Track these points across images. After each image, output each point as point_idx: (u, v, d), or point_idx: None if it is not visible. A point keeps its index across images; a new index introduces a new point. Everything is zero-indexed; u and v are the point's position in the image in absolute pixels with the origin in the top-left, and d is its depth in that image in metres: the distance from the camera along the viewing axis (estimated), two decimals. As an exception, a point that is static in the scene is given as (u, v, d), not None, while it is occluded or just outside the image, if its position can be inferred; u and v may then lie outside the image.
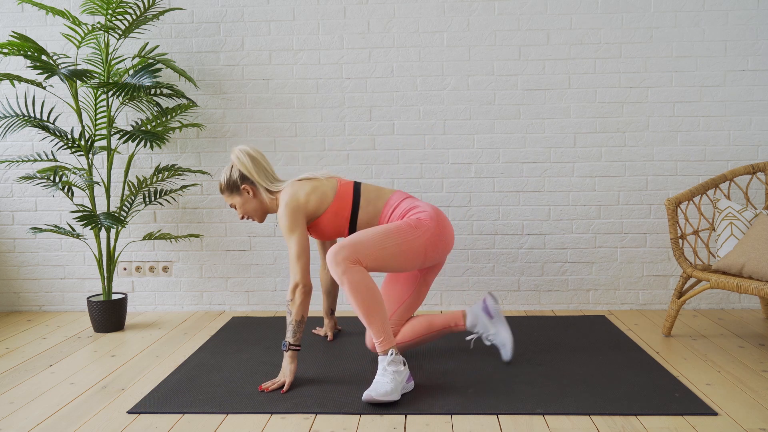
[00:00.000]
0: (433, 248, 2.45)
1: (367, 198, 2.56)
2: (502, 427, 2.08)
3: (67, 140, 3.16)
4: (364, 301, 2.28)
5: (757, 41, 3.35)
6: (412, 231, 2.41)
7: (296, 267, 2.42)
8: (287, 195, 2.50)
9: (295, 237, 2.44)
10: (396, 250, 2.37)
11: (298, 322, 2.41)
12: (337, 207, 2.53)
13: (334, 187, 2.56)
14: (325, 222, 2.54)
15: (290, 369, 2.41)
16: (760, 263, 2.65)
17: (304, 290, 2.41)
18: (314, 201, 2.50)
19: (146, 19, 3.20)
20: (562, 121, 3.44)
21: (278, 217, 2.49)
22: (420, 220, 2.45)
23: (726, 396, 2.29)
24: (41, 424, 2.16)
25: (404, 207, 2.54)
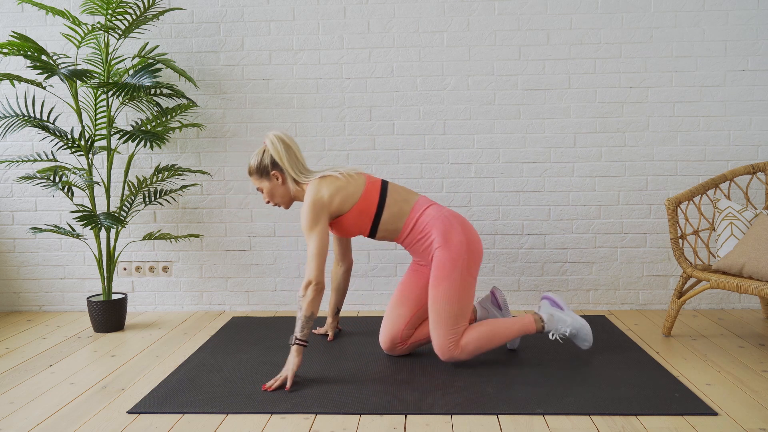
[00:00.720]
0: (475, 267, 2.55)
1: (393, 198, 2.58)
2: (502, 427, 2.08)
3: (67, 140, 3.16)
4: (491, 344, 2.54)
5: (757, 41, 3.35)
6: (458, 272, 2.50)
7: (312, 264, 2.42)
8: (312, 191, 2.50)
9: (315, 235, 2.45)
10: (465, 299, 2.50)
11: (307, 318, 2.42)
12: (362, 206, 2.54)
13: (362, 185, 2.57)
14: (348, 220, 2.55)
15: (294, 363, 2.41)
16: (760, 263, 2.65)
17: (317, 288, 2.42)
18: (339, 200, 2.51)
19: (146, 19, 3.20)
20: (562, 121, 3.44)
21: (301, 212, 2.50)
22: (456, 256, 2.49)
23: (726, 396, 2.29)
24: (41, 424, 2.16)
25: (428, 221, 2.54)
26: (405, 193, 2.63)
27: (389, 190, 2.59)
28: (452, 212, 2.60)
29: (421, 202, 2.60)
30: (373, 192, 2.56)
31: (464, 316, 2.51)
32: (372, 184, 2.58)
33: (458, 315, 2.50)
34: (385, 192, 2.58)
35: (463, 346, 2.51)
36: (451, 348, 2.51)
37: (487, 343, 2.53)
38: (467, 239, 2.53)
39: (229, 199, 3.55)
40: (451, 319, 2.49)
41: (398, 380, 2.47)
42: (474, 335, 2.52)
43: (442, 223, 2.54)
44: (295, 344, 2.42)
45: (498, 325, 2.56)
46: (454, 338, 2.50)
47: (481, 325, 2.56)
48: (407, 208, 2.58)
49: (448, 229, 2.53)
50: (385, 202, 2.56)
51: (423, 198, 2.64)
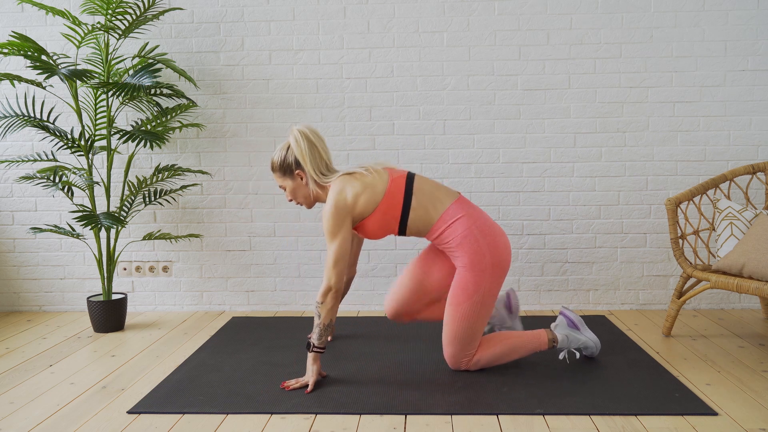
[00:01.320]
0: (498, 285, 2.45)
1: (419, 200, 2.41)
2: (502, 427, 2.08)
3: (67, 140, 3.16)
4: (502, 361, 2.52)
5: (757, 41, 3.35)
6: (480, 294, 2.41)
7: (333, 271, 2.35)
8: (334, 193, 2.37)
9: (338, 241, 2.35)
10: (483, 318, 2.45)
11: (326, 326, 2.38)
12: (386, 206, 2.40)
13: (385, 183, 2.40)
14: (372, 222, 2.42)
15: (314, 369, 2.40)
16: (760, 263, 2.65)
17: (336, 295, 2.37)
18: (362, 202, 2.37)
19: (146, 19, 3.20)
20: (562, 121, 3.44)
21: (323, 216, 2.38)
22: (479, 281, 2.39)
23: (726, 396, 2.29)
24: (41, 424, 2.16)
25: (454, 237, 2.38)
26: (432, 194, 2.43)
27: (415, 190, 2.41)
28: (483, 227, 2.40)
29: (451, 212, 2.40)
30: (397, 191, 2.40)
31: (480, 332, 2.46)
32: (396, 182, 2.41)
33: (475, 333, 2.44)
34: (410, 192, 2.40)
35: (476, 361, 2.50)
36: (464, 362, 2.50)
37: (498, 360, 2.52)
38: (494, 261, 2.39)
39: (229, 199, 3.55)
40: (467, 338, 2.45)
41: (398, 380, 2.47)
42: (488, 354, 2.49)
43: (470, 244, 2.37)
44: (314, 352, 2.42)
45: (513, 345, 2.50)
46: (468, 355, 2.49)
47: (497, 344, 2.50)
48: (435, 215, 2.41)
49: (475, 251, 2.37)
50: (410, 205, 2.39)
51: (455, 205, 2.42)
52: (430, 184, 2.47)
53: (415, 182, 2.45)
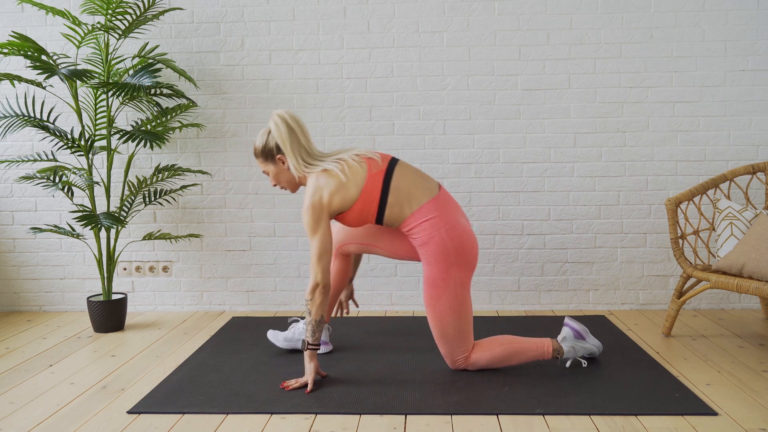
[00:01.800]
0: (469, 279, 2.47)
1: (395, 197, 2.41)
2: (502, 427, 2.08)
3: (67, 140, 3.16)
4: (502, 365, 2.53)
5: (757, 41, 3.35)
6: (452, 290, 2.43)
7: (317, 267, 2.37)
8: (310, 192, 2.39)
9: (318, 237, 2.38)
10: (465, 314, 2.46)
11: (317, 322, 2.39)
12: (362, 206, 2.42)
13: (362, 180, 2.40)
14: (350, 217, 2.46)
15: (311, 367, 2.40)
16: (760, 263, 2.65)
17: (324, 290, 2.38)
18: (338, 201, 2.39)
19: (146, 19, 3.20)
20: (562, 121, 3.44)
21: (302, 213, 2.41)
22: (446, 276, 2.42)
23: (726, 396, 2.29)
24: (41, 424, 2.16)
25: (423, 235, 2.40)
26: (409, 190, 2.43)
27: (392, 188, 2.41)
28: (452, 230, 2.40)
29: (424, 211, 2.41)
30: (374, 191, 2.40)
31: (469, 330, 2.47)
32: (374, 178, 2.41)
33: (463, 330, 2.46)
34: (387, 190, 2.41)
35: (474, 361, 2.51)
36: (460, 361, 2.51)
37: (497, 363, 2.52)
38: (459, 258, 2.41)
39: (229, 199, 3.55)
40: (456, 336, 2.46)
41: (398, 380, 2.47)
42: (487, 355, 2.50)
43: (436, 244, 2.39)
44: (308, 349, 2.42)
45: (514, 349, 2.50)
46: (463, 353, 2.49)
47: (498, 346, 2.50)
48: (408, 211, 2.42)
49: (441, 250, 2.39)
50: (387, 202, 2.43)
51: (429, 204, 2.42)
52: (409, 180, 2.45)
53: (393, 179, 2.43)
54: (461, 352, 2.49)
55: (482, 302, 3.53)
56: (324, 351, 2.79)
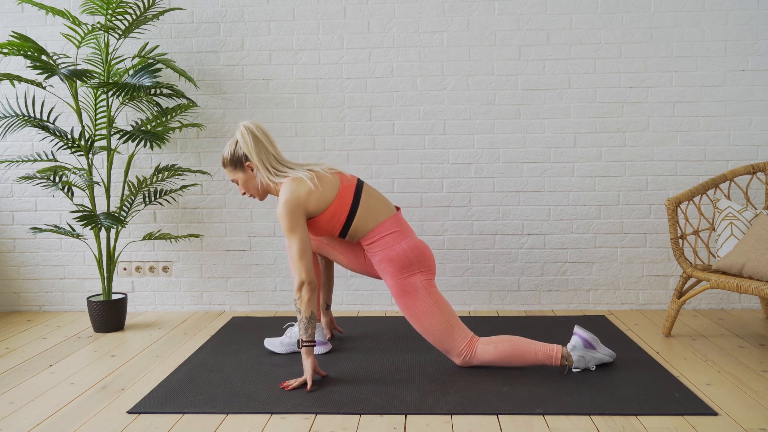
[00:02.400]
0: (432, 280, 2.55)
1: (364, 208, 2.53)
2: (502, 427, 2.08)
3: (67, 140, 3.16)
4: (507, 363, 2.52)
5: (757, 41, 3.35)
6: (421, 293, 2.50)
7: (300, 265, 2.41)
8: (288, 191, 2.45)
9: (297, 236, 2.43)
10: (444, 309, 2.51)
11: (308, 319, 2.42)
12: (335, 210, 2.50)
13: (336, 187, 2.52)
14: (320, 222, 2.52)
15: (308, 365, 2.41)
16: (760, 263, 2.65)
17: (311, 287, 2.42)
18: (314, 201, 2.46)
19: (146, 19, 3.20)
20: (562, 121, 3.44)
21: (278, 215, 2.46)
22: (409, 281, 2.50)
23: (726, 396, 2.29)
24: (41, 424, 2.16)
25: (383, 248, 2.52)
26: (375, 206, 2.56)
27: (362, 200, 2.53)
28: (411, 242, 2.53)
29: (387, 225, 2.53)
30: (347, 198, 2.51)
31: (456, 322, 2.50)
32: (346, 188, 2.52)
33: (450, 323, 2.48)
34: (358, 198, 2.53)
35: (479, 354, 2.51)
36: (465, 353, 2.51)
37: (503, 360, 2.51)
38: (415, 258, 2.50)
39: (229, 199, 3.55)
40: (447, 331, 2.49)
41: (398, 380, 2.47)
42: (492, 349, 2.50)
43: (394, 252, 2.50)
44: (304, 347, 2.43)
45: (521, 349, 2.49)
46: (463, 342, 2.50)
47: (506, 342, 2.50)
48: (373, 225, 2.53)
49: (401, 257, 2.49)
50: (356, 212, 2.51)
51: (390, 220, 2.55)
52: (375, 198, 2.59)
53: (363, 193, 2.57)
54: (460, 343, 2.50)
55: (482, 302, 3.53)
56: (323, 351, 2.79)
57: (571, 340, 2.55)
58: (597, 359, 2.55)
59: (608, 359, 2.58)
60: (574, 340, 2.54)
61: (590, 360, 2.53)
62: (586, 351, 2.52)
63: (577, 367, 2.51)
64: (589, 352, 2.53)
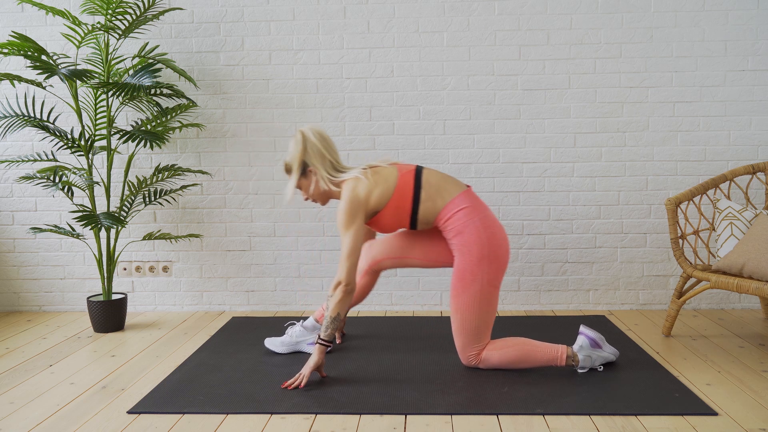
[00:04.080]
0: (498, 278, 2.48)
1: (428, 193, 2.48)
2: (502, 427, 2.08)
3: (67, 140, 3.16)
4: (514, 366, 2.51)
5: (757, 41, 3.35)
6: (479, 284, 2.44)
7: (344, 265, 2.40)
8: (348, 190, 2.45)
9: (350, 234, 2.41)
10: (487, 311, 2.47)
11: (332, 319, 2.41)
12: (398, 201, 2.47)
13: (395, 178, 2.49)
14: (386, 217, 2.50)
15: (313, 361, 2.41)
16: (760, 263, 2.65)
17: (347, 289, 2.40)
18: (375, 197, 2.45)
19: (146, 19, 3.20)
20: (562, 121, 3.44)
21: (337, 211, 2.45)
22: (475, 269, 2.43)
23: (726, 396, 2.29)
24: (41, 424, 2.16)
25: (455, 226, 2.44)
26: (440, 185, 2.50)
27: (423, 183, 2.49)
28: (485, 220, 2.47)
29: (457, 202, 2.47)
30: (407, 186, 2.48)
31: (487, 328, 2.49)
32: (404, 177, 2.49)
33: (480, 327, 2.47)
34: (419, 184, 2.49)
35: (485, 359, 2.51)
36: (471, 358, 2.52)
37: (509, 364, 2.52)
38: (489, 251, 2.44)
39: (229, 199, 3.55)
40: (473, 331, 2.47)
41: (398, 380, 2.47)
42: (499, 354, 2.50)
43: (470, 233, 2.44)
44: (317, 344, 2.42)
45: (528, 352, 2.50)
46: (476, 350, 2.50)
47: (512, 346, 2.50)
48: (441, 203, 2.48)
49: (474, 241, 2.43)
50: (420, 197, 2.48)
51: (461, 196, 2.49)
52: (438, 176, 2.53)
53: (424, 175, 2.52)
54: (474, 348, 2.50)
55: (482, 302, 3.53)
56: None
57: (578, 340, 2.55)
58: (603, 358, 2.55)
59: (612, 358, 2.58)
60: (580, 339, 2.54)
61: (597, 359, 2.53)
62: (592, 350, 2.53)
63: (584, 366, 2.51)
64: (596, 351, 2.53)
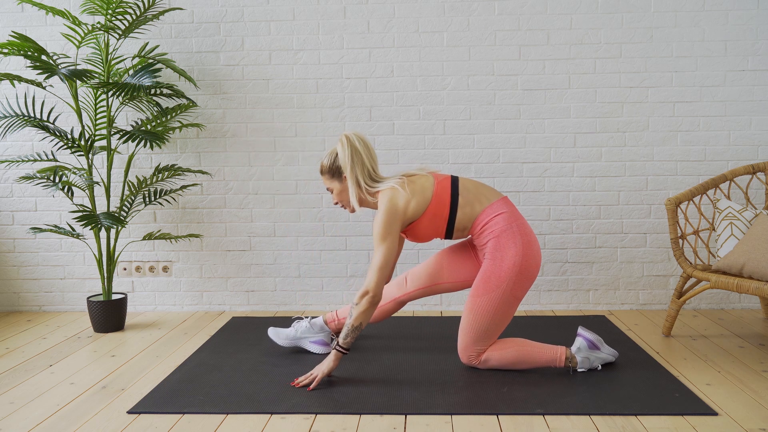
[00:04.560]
0: (523, 289, 2.47)
1: (465, 198, 2.48)
2: (502, 427, 2.08)
3: (67, 140, 3.16)
4: (513, 367, 2.52)
5: (757, 41, 3.35)
6: (501, 291, 2.42)
7: (375, 276, 2.37)
8: (386, 199, 2.43)
9: (385, 246, 2.39)
10: (502, 317, 2.45)
11: (355, 328, 2.39)
12: (435, 209, 2.46)
13: (432, 186, 2.48)
14: (422, 226, 2.48)
15: (327, 366, 2.41)
16: (760, 263, 2.65)
17: (373, 300, 2.38)
18: (413, 206, 2.44)
19: (146, 19, 3.20)
20: (562, 121, 3.44)
21: (374, 221, 2.43)
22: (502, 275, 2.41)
23: (726, 396, 2.29)
24: (41, 424, 2.16)
25: (491, 230, 2.44)
26: (478, 191, 2.51)
27: (461, 189, 2.49)
28: (522, 228, 2.46)
29: (496, 206, 2.48)
30: (444, 193, 2.47)
31: (496, 332, 2.48)
32: (441, 184, 2.49)
33: (489, 330, 2.47)
34: (456, 191, 2.48)
35: (484, 360, 2.51)
36: (472, 357, 2.52)
37: (508, 365, 2.52)
38: (522, 262, 2.42)
39: (229, 199, 3.55)
40: (481, 332, 2.47)
41: (398, 380, 2.47)
42: (498, 355, 2.50)
43: (506, 238, 2.43)
44: (336, 350, 2.42)
45: (527, 353, 2.50)
46: (478, 350, 2.50)
47: (510, 347, 2.50)
48: (480, 208, 2.48)
49: (508, 246, 2.42)
50: (458, 203, 2.47)
51: (498, 202, 2.49)
52: (475, 183, 2.55)
53: (461, 182, 2.53)
54: (477, 348, 2.50)
55: (482, 302, 3.53)
56: (322, 352, 2.79)
57: (576, 342, 2.55)
58: (601, 359, 2.55)
59: (611, 359, 2.58)
60: (578, 341, 2.54)
61: (595, 361, 2.53)
62: (590, 352, 2.53)
63: (582, 367, 2.51)
64: (594, 353, 2.53)
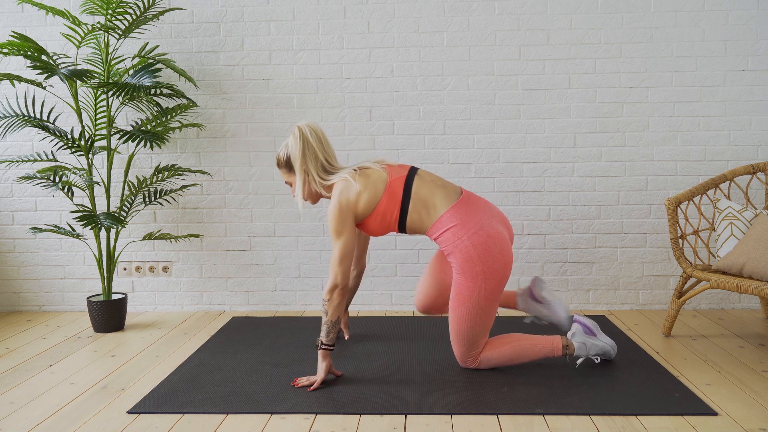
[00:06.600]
0: (497, 291, 2.42)
1: (414, 205, 2.43)
2: (502, 427, 2.08)
3: (67, 140, 3.16)
4: (512, 363, 2.53)
5: (757, 41, 3.35)
6: (476, 300, 2.40)
7: (338, 269, 2.38)
8: (337, 193, 2.41)
9: (342, 239, 2.39)
10: (484, 321, 2.44)
11: (333, 323, 2.40)
12: (385, 208, 2.43)
13: (384, 181, 2.43)
14: (373, 222, 2.46)
15: (323, 367, 2.42)
16: (760, 263, 2.65)
17: (343, 292, 2.39)
18: (364, 201, 2.41)
19: (146, 19, 3.20)
20: (562, 121, 3.44)
21: (328, 215, 2.42)
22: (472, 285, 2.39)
23: (726, 396, 2.29)
24: (41, 424, 2.16)
25: (448, 244, 2.38)
26: (428, 200, 2.43)
27: (412, 195, 2.42)
28: (475, 237, 2.36)
29: (444, 220, 2.40)
30: (396, 191, 2.42)
31: (483, 334, 2.48)
32: (393, 184, 2.43)
33: (476, 335, 2.46)
34: (408, 195, 2.42)
35: (483, 361, 2.52)
36: (469, 362, 2.52)
37: (507, 362, 2.52)
38: (485, 270, 2.36)
39: (229, 199, 3.55)
40: (469, 340, 2.47)
41: (398, 380, 2.47)
42: (496, 354, 2.50)
43: (461, 253, 2.37)
44: (322, 349, 2.43)
45: (523, 347, 2.50)
46: (473, 355, 2.51)
47: (507, 344, 2.51)
48: (428, 222, 2.43)
49: (466, 260, 2.37)
50: (407, 208, 2.42)
51: (449, 213, 2.40)
52: (429, 187, 2.45)
53: (414, 185, 2.45)
54: (471, 354, 2.50)
55: (482, 302, 3.53)
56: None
57: (572, 327, 2.57)
58: (598, 347, 2.55)
59: (609, 349, 2.57)
60: (574, 326, 2.56)
61: (591, 347, 2.53)
62: (586, 337, 2.54)
63: (579, 355, 2.52)
64: (590, 339, 2.54)
